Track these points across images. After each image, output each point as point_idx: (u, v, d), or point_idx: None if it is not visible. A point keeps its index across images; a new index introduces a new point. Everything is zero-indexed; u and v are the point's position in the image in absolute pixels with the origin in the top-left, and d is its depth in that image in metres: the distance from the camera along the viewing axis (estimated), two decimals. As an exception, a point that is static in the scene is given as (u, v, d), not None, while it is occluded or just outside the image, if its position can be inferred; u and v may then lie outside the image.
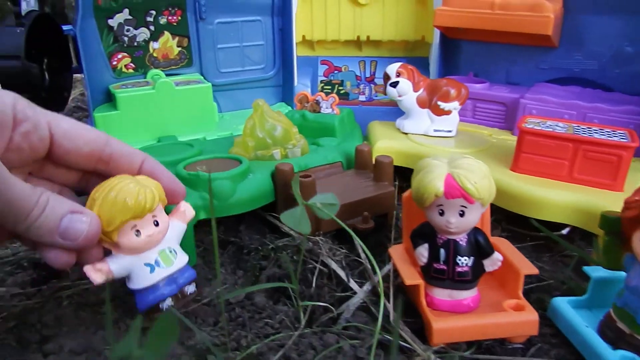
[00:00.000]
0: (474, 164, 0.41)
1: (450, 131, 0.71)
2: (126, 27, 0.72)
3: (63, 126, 0.37)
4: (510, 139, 0.70)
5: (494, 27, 0.70)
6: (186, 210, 0.43)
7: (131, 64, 0.75)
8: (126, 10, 0.71)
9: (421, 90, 0.70)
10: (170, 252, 0.42)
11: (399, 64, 0.71)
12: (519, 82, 0.78)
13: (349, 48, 0.92)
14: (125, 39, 0.73)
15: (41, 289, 0.51)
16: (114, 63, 0.73)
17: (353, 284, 0.49)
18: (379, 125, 0.77)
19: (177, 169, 0.57)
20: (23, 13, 0.56)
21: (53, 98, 0.62)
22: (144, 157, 0.40)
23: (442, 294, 0.43)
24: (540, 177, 0.56)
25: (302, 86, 0.91)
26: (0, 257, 0.57)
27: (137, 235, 0.38)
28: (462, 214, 0.41)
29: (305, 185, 0.54)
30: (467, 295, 0.43)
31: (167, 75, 0.77)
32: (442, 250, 0.43)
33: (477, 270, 0.42)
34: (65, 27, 0.65)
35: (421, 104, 0.70)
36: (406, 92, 0.70)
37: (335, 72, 0.94)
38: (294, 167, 0.59)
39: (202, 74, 0.81)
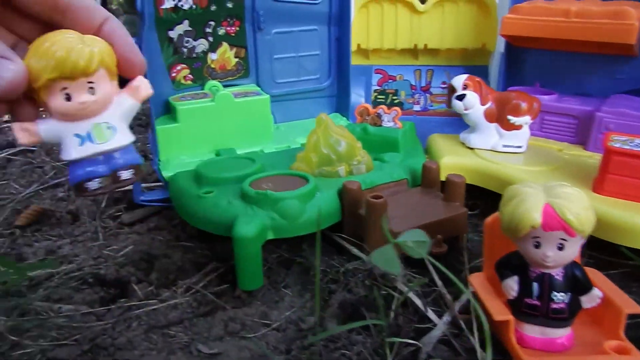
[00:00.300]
0: (573, 193, 0.38)
1: (520, 147, 0.67)
2: (186, 39, 0.72)
3: None
4: (584, 155, 0.67)
5: (569, 36, 0.66)
6: (141, 87, 0.36)
7: (190, 76, 0.74)
8: (186, 22, 0.71)
9: (489, 104, 0.67)
10: (108, 128, 0.35)
11: (465, 76, 0.68)
12: (591, 93, 0.74)
13: (405, 57, 0.89)
14: (185, 50, 0.72)
15: (110, 308, 0.50)
16: (173, 75, 0.73)
17: (431, 314, 0.47)
18: (441, 138, 0.74)
19: (243, 187, 0.56)
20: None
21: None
22: (107, 17, 0.35)
23: (533, 331, 0.41)
24: (629, 200, 0.52)
25: (355, 96, 0.89)
26: (65, 272, 0.57)
27: (66, 99, 0.33)
28: (560, 247, 0.38)
29: (377, 206, 0.52)
30: (561, 334, 0.40)
31: (224, 86, 0.76)
32: (535, 285, 0.40)
33: (574, 307, 0.40)
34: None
35: (489, 117, 0.67)
36: (473, 105, 0.67)
37: (390, 81, 0.91)
38: (361, 185, 0.57)
39: (258, 85, 0.79)
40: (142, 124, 1.09)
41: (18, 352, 0.43)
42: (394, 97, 0.92)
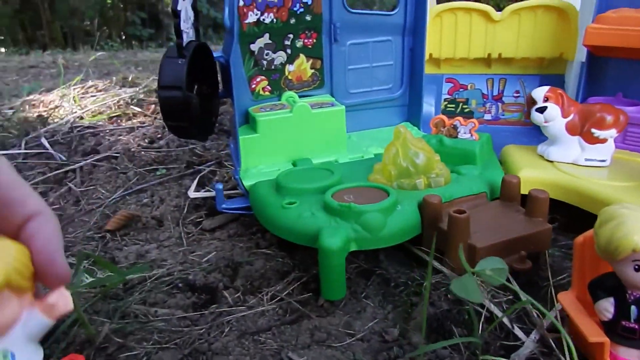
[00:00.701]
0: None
1: (604, 160, 0.66)
2: (266, 51, 0.74)
3: None
4: (673, 170, 0.64)
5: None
6: (58, 304, 0.30)
7: (268, 87, 0.77)
8: (267, 35, 0.73)
9: (572, 116, 0.66)
10: (4, 357, 0.29)
11: (546, 88, 0.67)
12: (680, 105, 0.71)
13: (477, 65, 0.88)
14: (264, 62, 0.75)
15: (203, 313, 0.53)
16: (253, 86, 0.76)
17: (518, 332, 0.47)
18: (516, 150, 0.73)
19: (326, 199, 0.57)
20: (184, 44, 0.59)
21: (203, 124, 0.65)
22: (32, 214, 0.29)
23: (629, 354, 0.40)
24: None
25: (426, 105, 0.89)
26: (156, 277, 0.60)
27: None
28: (663, 272, 0.37)
29: (460, 222, 0.52)
30: (660, 359, 0.39)
31: (300, 97, 0.78)
32: (633, 308, 0.39)
33: (675, 333, 0.39)
34: (215, 54, 0.68)
35: (571, 130, 0.66)
36: (554, 117, 0.66)
37: (461, 90, 0.91)
38: (441, 198, 0.57)
39: (332, 95, 0.81)
40: (225, 129, 1.13)
41: (125, 354, 0.46)
42: (465, 106, 0.92)
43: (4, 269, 0.26)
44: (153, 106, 1.41)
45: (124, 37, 6.03)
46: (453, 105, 0.92)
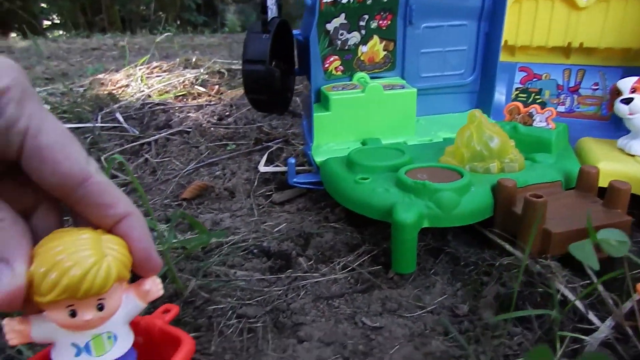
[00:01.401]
0: None
1: (688, 156, 0.64)
2: (340, 31, 0.76)
3: (41, 141, 0.26)
4: None
5: None
6: (151, 291, 0.33)
7: (340, 67, 0.78)
8: (342, 15, 0.75)
9: (659, 109, 0.64)
10: (109, 338, 0.32)
11: (634, 78, 0.65)
12: None
13: (555, 55, 0.86)
14: (339, 42, 0.76)
15: (279, 277, 0.56)
16: (326, 65, 0.77)
17: (593, 317, 0.47)
18: (593, 142, 0.72)
19: (399, 176, 0.59)
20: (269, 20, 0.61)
21: (281, 98, 0.67)
22: (126, 214, 0.30)
23: None
24: None
25: (497, 93, 0.88)
26: (232, 242, 0.63)
27: (71, 315, 0.29)
28: None
29: (537, 205, 0.52)
30: None
31: (370, 78, 0.79)
32: None
33: None
34: (294, 32, 0.70)
35: (658, 124, 0.64)
36: None
37: (535, 79, 0.89)
38: (516, 183, 0.57)
39: (402, 78, 0.82)
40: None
41: (212, 307, 0.49)
42: (537, 97, 0.90)
43: (116, 263, 0.28)
44: (217, 87, 1.45)
45: (179, 22, 6.18)
46: (525, 95, 0.90)
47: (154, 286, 0.33)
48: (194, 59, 1.74)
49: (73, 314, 0.28)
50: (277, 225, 0.68)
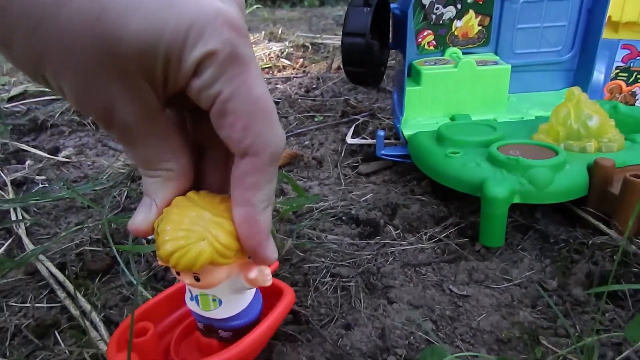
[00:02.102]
0: None
1: None
2: (436, 5, 0.76)
3: (228, 107, 0.27)
4: None
5: None
6: (256, 280, 0.33)
7: (433, 42, 0.79)
8: (438, -10, 0.75)
9: None
10: (213, 300, 0.35)
11: None
12: None
13: (662, 31, 0.82)
14: (433, 17, 0.77)
15: (368, 243, 0.59)
16: (419, 40, 0.78)
17: (692, 300, 0.46)
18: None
19: (491, 151, 0.59)
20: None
21: (376, 72, 0.69)
22: (251, 204, 0.29)
23: None
24: None
25: (595, 72, 0.84)
26: (321, 209, 0.67)
27: (177, 273, 0.32)
28: None
29: (637, 186, 0.51)
30: None
31: (463, 53, 0.79)
32: None
33: None
34: (392, 6, 0.71)
35: None
36: None
37: (638, 58, 0.85)
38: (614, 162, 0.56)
39: (496, 54, 0.81)
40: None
41: (307, 265, 0.53)
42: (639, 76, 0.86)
43: (211, 248, 0.29)
44: (301, 60, 1.49)
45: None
46: (625, 75, 0.86)
47: (261, 276, 0.33)
48: (280, 31, 1.78)
49: (178, 275, 0.32)
50: (363, 195, 0.70)
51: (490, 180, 0.55)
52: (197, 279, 0.31)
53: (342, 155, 0.84)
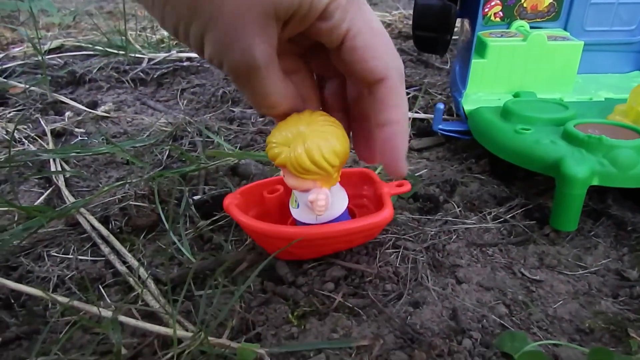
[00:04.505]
0: None
1: None
2: (507, -26, 0.71)
3: (356, 42, 0.31)
4: None
5: None
6: (312, 201, 0.39)
7: (500, 13, 0.74)
8: (511, -44, 0.69)
9: None
10: (295, 201, 0.43)
11: None
12: None
13: None
14: (503, -14, 0.72)
15: (430, 218, 0.55)
16: (486, 10, 0.73)
17: None
18: None
19: (568, 129, 0.55)
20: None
21: (444, 39, 0.65)
22: (389, 123, 0.34)
23: None
24: None
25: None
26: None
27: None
28: None
29: None
30: None
31: (530, 28, 0.74)
32: None
33: None
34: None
35: None
36: None
37: None
38: None
39: (565, 30, 0.75)
40: (422, 59, 1.12)
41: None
42: None
43: (291, 160, 0.36)
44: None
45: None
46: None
47: (315, 203, 0.39)
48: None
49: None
50: (417, 170, 0.67)
51: (568, 158, 0.51)
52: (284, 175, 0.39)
53: (392, 128, 0.79)
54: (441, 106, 0.69)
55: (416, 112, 0.83)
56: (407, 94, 0.91)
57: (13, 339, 0.39)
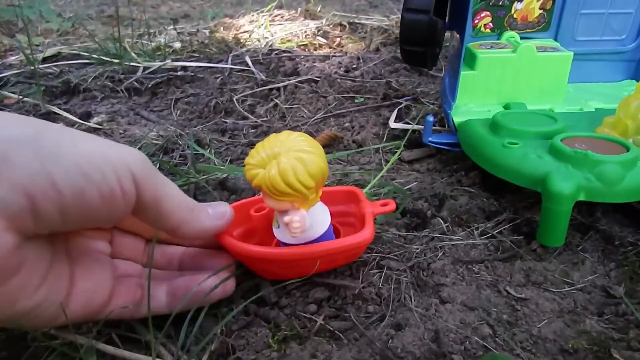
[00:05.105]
0: None
1: None
2: (496, -15, 0.71)
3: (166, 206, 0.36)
4: None
5: None
6: (287, 224, 0.40)
7: (490, 24, 0.74)
8: (500, -32, 0.69)
9: None
10: (275, 221, 0.44)
11: None
12: None
13: None
14: (493, -3, 0.71)
15: (416, 235, 0.55)
16: (476, 22, 0.73)
17: None
18: None
19: (554, 143, 0.55)
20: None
21: (433, 53, 0.65)
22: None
23: None
24: None
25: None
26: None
27: None
28: None
29: None
30: None
31: (521, 38, 0.74)
32: None
33: None
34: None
35: None
36: None
37: None
38: (692, 163, 0.51)
39: (555, 40, 0.75)
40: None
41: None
42: None
43: (263, 180, 0.37)
44: (338, 39, 1.44)
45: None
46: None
47: (291, 222, 0.39)
48: (319, 8, 1.73)
49: None
50: (407, 184, 0.67)
51: (554, 174, 0.51)
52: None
53: (384, 139, 0.80)
54: (431, 118, 0.69)
55: (407, 123, 0.83)
56: (400, 103, 0.91)
57: (-5, 364, 0.39)
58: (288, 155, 0.36)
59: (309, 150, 0.37)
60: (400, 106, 0.89)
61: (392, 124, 0.81)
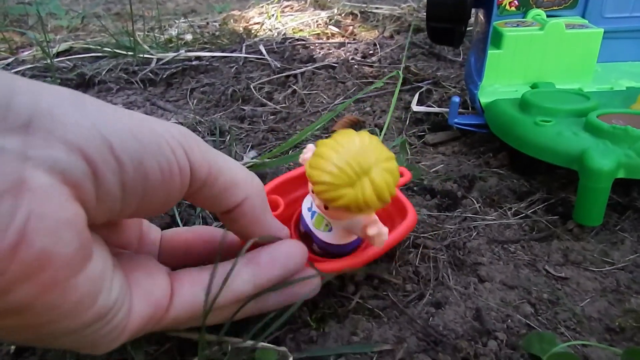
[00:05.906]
0: None
1: None
2: (522, -38, 0.69)
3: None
4: None
5: None
6: (373, 238, 0.35)
7: (515, 2, 0.72)
8: (526, -57, 0.67)
9: None
10: (326, 225, 0.39)
11: None
12: None
13: None
14: (518, -26, 0.70)
15: (449, 215, 0.53)
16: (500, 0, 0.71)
17: None
18: None
19: (592, 120, 0.53)
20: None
21: (460, 31, 0.63)
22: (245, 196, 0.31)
23: None
24: None
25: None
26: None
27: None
28: None
29: None
30: None
31: (547, 16, 0.72)
32: None
33: None
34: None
35: None
36: None
37: None
38: None
39: (583, 18, 0.73)
40: (434, 52, 1.10)
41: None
42: None
43: (348, 201, 0.32)
44: (350, 28, 1.42)
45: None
46: None
47: (377, 237, 0.34)
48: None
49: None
50: (433, 166, 0.65)
51: (592, 151, 0.49)
52: (326, 207, 0.34)
53: (407, 123, 0.78)
54: (457, 99, 0.67)
55: (429, 106, 0.81)
56: (420, 87, 0.89)
57: None
58: (378, 169, 0.31)
59: (390, 156, 0.32)
60: (421, 90, 0.87)
61: (415, 108, 0.80)
